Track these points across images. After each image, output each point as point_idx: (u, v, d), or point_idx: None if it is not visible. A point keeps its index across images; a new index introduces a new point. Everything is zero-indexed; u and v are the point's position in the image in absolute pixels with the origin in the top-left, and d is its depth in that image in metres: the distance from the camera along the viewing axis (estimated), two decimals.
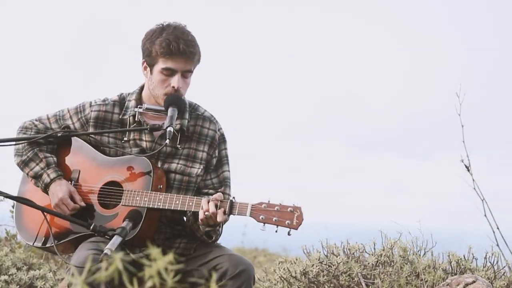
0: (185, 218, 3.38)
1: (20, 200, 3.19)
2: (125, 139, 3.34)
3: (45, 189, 3.31)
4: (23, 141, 3.30)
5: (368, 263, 3.90)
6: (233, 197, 3.09)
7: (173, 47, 3.19)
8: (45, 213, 3.17)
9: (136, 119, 3.32)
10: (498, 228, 4.10)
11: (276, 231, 3.03)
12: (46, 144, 3.38)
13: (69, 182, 3.32)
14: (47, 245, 3.30)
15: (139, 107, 3.31)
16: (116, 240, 2.92)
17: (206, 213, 3.04)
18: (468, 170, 5.01)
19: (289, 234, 3.02)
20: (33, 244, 3.34)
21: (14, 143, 3.30)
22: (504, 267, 3.97)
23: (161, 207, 3.15)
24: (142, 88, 3.42)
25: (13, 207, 5.21)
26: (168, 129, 3.14)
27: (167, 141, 3.13)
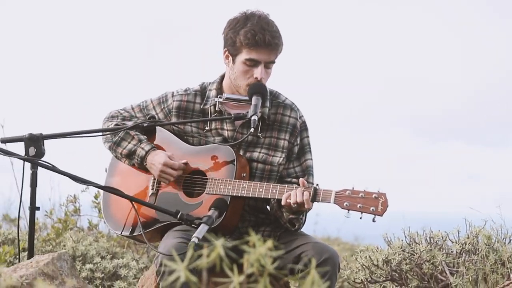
0: (268, 207, 3.39)
1: (109, 189, 3.25)
2: (207, 128, 3.36)
3: (142, 162, 3.34)
4: (111, 132, 3.36)
5: (452, 251, 3.84)
6: (317, 184, 3.08)
7: (258, 38, 3.18)
8: (133, 202, 3.22)
9: (216, 109, 3.35)
10: None
11: (360, 218, 3.01)
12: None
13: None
14: (135, 234, 3.35)
15: (219, 97, 3.33)
16: (203, 228, 2.95)
17: (288, 200, 3.04)
18: None
19: (374, 220, 2.99)
20: (121, 233, 3.39)
21: (101, 133, 3.37)
22: None
23: (244, 195, 3.16)
24: (222, 77, 3.43)
25: (95, 197, 5.34)
26: (253, 117, 3.14)
27: (252, 129, 3.13)
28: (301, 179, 3.07)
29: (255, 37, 3.19)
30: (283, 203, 3.06)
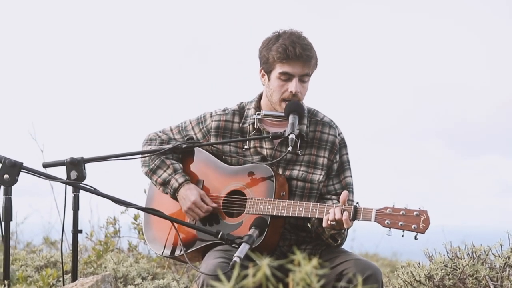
0: (309, 225, 3.38)
1: (150, 211, 3.28)
2: (245, 147, 3.37)
3: (174, 194, 3.37)
4: (151, 154, 3.39)
5: (495, 266, 3.78)
6: (357, 203, 3.06)
7: (289, 51, 3.20)
8: (174, 223, 3.23)
9: (255, 127, 3.36)
10: None
11: (402, 236, 2.99)
12: (171, 154, 3.45)
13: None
14: (176, 254, 3.37)
15: (257, 114, 3.34)
16: (244, 247, 2.95)
17: (329, 221, 3.04)
18: None
19: (416, 238, 2.97)
20: (162, 253, 3.41)
21: (140, 156, 3.40)
22: None
23: (284, 215, 3.16)
24: (260, 96, 3.45)
25: (134, 219, 5.38)
26: (290, 136, 3.15)
27: (290, 148, 3.14)
28: (342, 196, 3.05)
29: (286, 50, 3.21)
30: (324, 225, 3.06)
